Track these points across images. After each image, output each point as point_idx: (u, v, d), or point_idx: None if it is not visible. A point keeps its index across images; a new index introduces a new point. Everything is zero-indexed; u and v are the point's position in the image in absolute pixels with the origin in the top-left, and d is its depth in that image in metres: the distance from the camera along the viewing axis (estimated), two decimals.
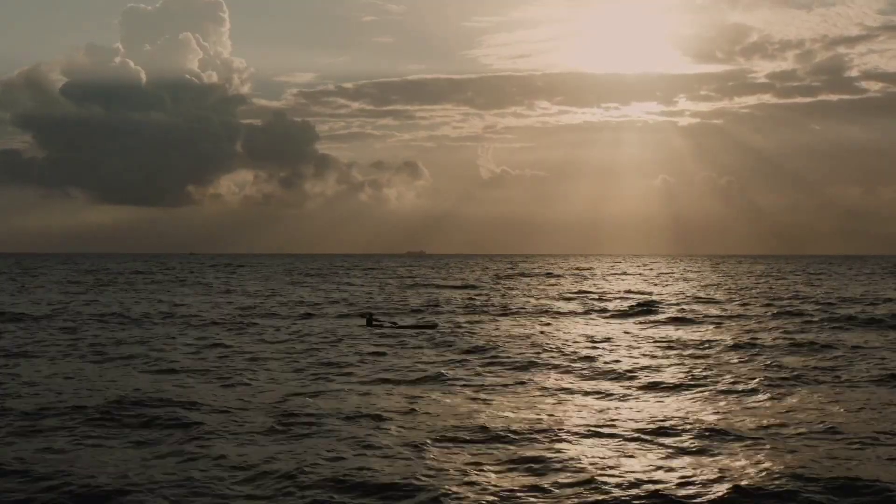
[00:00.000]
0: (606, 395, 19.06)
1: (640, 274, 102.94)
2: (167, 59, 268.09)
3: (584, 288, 66.74)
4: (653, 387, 19.93)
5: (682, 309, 43.55)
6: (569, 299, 52.90)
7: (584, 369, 22.82)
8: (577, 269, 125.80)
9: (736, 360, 24.47)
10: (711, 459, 13.14)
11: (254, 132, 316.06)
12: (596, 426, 15.48)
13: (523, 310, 44.44)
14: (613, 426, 15.49)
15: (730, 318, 39.02)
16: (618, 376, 21.56)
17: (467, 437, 14.48)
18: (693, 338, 30.55)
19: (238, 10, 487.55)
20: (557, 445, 13.99)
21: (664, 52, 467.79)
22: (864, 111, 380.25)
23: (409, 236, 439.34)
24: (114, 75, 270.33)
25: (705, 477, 12.11)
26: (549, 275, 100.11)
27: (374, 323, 34.22)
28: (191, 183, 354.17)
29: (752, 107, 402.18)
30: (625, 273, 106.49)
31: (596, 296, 56.01)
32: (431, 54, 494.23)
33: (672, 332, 32.97)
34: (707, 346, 28.01)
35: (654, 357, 25.30)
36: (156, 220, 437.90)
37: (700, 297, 53.79)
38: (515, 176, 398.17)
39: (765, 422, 15.87)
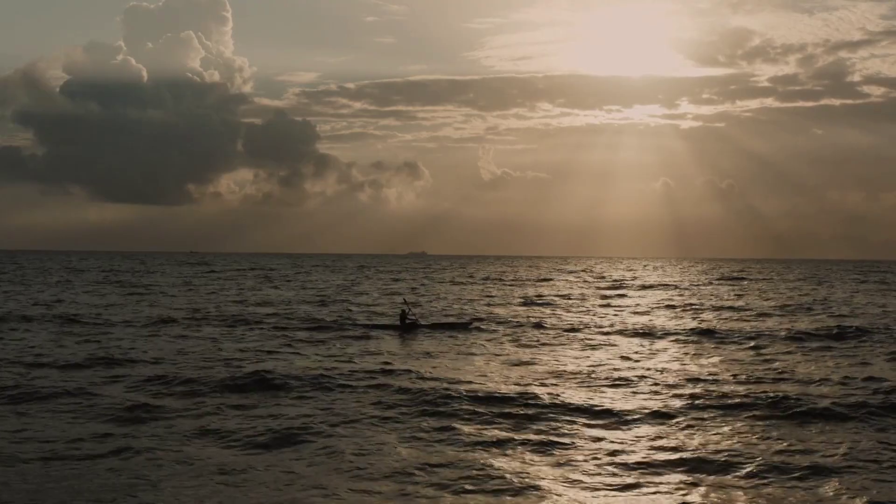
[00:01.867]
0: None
1: (611, 280, 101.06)
2: (169, 58, 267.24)
3: (530, 293, 65.00)
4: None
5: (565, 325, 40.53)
6: (508, 305, 51.45)
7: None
8: (561, 269, 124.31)
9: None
10: None
11: (254, 131, 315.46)
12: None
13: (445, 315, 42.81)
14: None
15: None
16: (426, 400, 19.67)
17: None
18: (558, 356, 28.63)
19: (240, 9, 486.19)
20: None
21: (666, 56, 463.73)
22: (866, 116, 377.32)
23: (409, 237, 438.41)
24: (115, 73, 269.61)
25: None
26: (519, 280, 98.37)
27: (407, 321, 32.84)
28: (191, 181, 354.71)
29: (754, 110, 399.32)
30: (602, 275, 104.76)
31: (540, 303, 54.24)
32: (433, 55, 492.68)
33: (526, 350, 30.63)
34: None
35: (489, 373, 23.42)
36: (156, 218, 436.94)
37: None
38: (517, 178, 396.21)
39: None
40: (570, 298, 59.54)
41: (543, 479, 13.31)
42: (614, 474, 13.59)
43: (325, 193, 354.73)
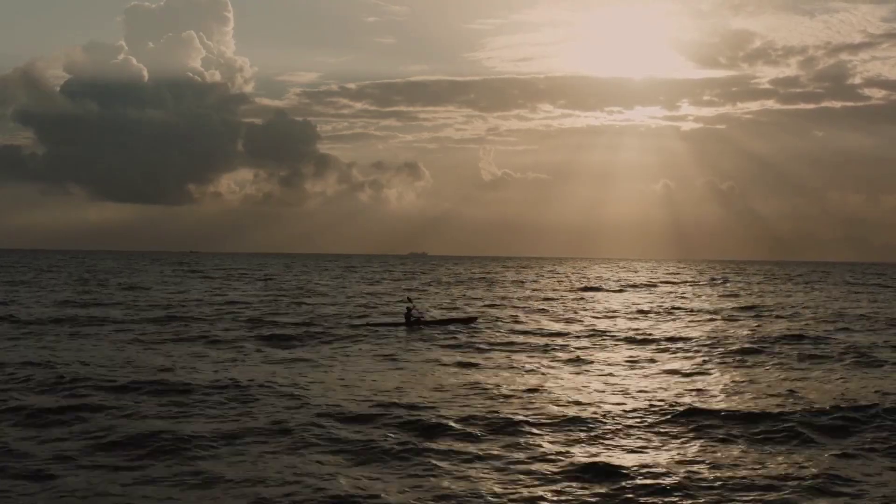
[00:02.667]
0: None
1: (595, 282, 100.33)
2: (170, 58, 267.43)
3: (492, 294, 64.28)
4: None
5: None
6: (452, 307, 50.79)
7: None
8: (551, 271, 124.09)
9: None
10: None
11: (255, 131, 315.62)
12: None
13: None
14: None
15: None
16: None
17: None
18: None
19: (241, 9, 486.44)
20: None
21: (667, 57, 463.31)
22: (867, 118, 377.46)
23: (410, 237, 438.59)
24: (115, 73, 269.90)
25: None
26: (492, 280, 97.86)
27: (413, 318, 32.31)
28: (191, 181, 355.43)
29: (755, 112, 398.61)
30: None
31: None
32: (434, 56, 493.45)
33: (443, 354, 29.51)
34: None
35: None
36: (156, 218, 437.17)
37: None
38: (517, 178, 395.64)
39: None
40: (541, 300, 58.88)
41: (427, 495, 12.57)
42: (506, 486, 12.98)
43: (325, 193, 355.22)
